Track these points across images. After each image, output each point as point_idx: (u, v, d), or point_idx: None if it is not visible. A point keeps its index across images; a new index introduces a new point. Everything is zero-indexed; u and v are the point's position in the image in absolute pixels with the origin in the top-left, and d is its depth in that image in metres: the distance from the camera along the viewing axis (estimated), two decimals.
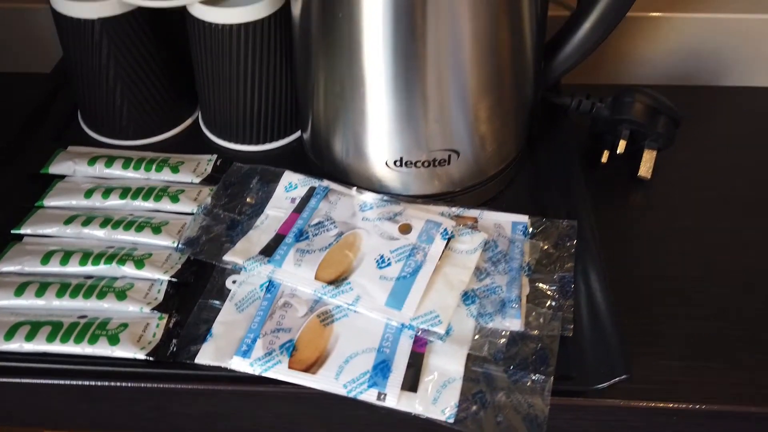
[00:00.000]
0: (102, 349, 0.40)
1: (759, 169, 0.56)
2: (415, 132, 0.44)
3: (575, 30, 0.48)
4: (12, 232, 0.47)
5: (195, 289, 0.44)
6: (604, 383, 0.38)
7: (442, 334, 0.39)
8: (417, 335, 0.39)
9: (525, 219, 0.46)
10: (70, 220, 0.47)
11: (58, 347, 0.40)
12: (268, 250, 0.43)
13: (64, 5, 0.49)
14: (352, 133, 0.46)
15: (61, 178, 0.51)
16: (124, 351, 0.40)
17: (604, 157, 0.53)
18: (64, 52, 0.53)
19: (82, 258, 0.44)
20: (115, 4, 0.48)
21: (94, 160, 0.52)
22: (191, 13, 0.48)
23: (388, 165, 0.46)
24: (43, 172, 0.51)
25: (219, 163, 0.53)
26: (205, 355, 0.39)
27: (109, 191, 0.49)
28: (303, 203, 0.47)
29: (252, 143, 0.54)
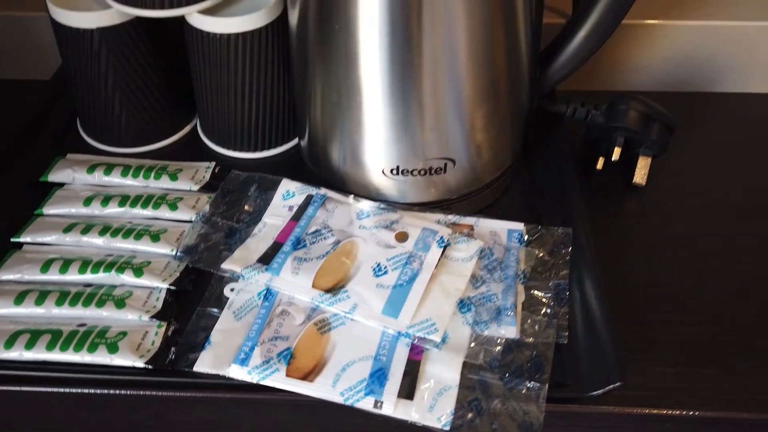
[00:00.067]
0: (101, 357, 0.40)
1: (753, 175, 0.56)
2: (411, 141, 0.44)
3: (570, 39, 0.48)
4: (12, 240, 0.47)
5: (193, 296, 0.44)
6: (599, 390, 0.38)
7: (438, 342, 0.39)
8: (413, 343, 0.39)
9: (520, 226, 0.46)
10: (69, 228, 0.47)
11: (57, 355, 0.40)
12: (266, 258, 0.44)
13: (63, 15, 0.49)
14: (349, 141, 0.46)
15: (60, 185, 0.52)
16: (123, 359, 0.40)
17: (600, 164, 0.54)
18: (63, 61, 0.53)
19: (82, 266, 0.45)
20: (114, 13, 0.49)
21: (93, 168, 0.52)
22: (189, 23, 0.49)
23: (384, 173, 0.46)
24: (42, 180, 0.52)
25: (217, 170, 0.53)
26: (203, 363, 0.39)
27: (108, 199, 0.49)
28: (300, 211, 0.47)
29: (250, 150, 0.55)
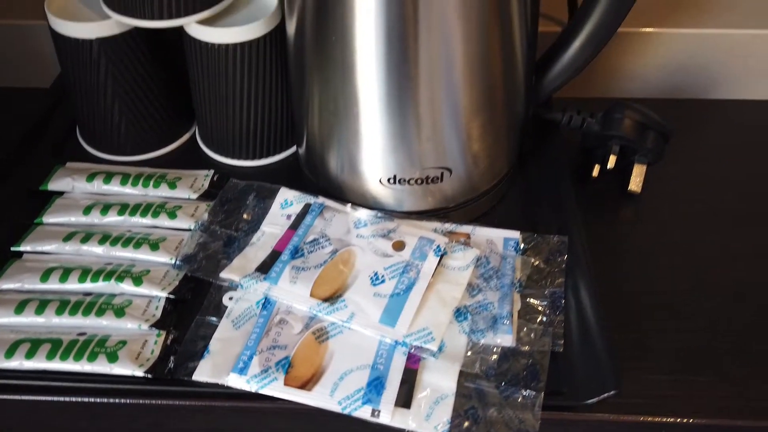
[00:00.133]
0: (101, 366, 0.40)
1: (748, 181, 0.57)
2: (408, 150, 0.45)
3: (566, 48, 0.49)
4: (12, 249, 0.47)
5: (192, 305, 0.44)
6: (594, 398, 0.39)
7: (435, 351, 0.39)
8: (410, 352, 0.40)
9: (517, 235, 0.47)
10: (69, 237, 0.48)
11: (57, 365, 0.40)
12: (264, 267, 0.44)
13: (62, 25, 0.49)
14: (346, 150, 0.46)
15: (60, 194, 0.52)
16: (122, 368, 0.40)
17: (595, 172, 0.54)
18: (62, 70, 0.53)
19: (81, 275, 0.45)
20: (113, 24, 0.49)
21: (92, 177, 0.52)
22: (188, 33, 0.49)
23: (381, 182, 0.46)
24: (42, 188, 0.52)
25: (216, 178, 0.53)
26: (202, 372, 0.40)
27: (107, 208, 0.50)
28: (298, 220, 0.47)
29: (248, 158, 0.55)
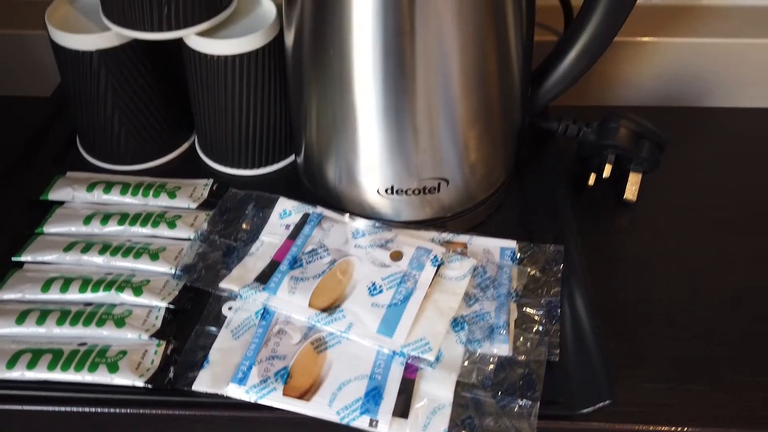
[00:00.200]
0: (101, 376, 0.41)
1: (743, 190, 0.57)
2: (405, 161, 0.45)
3: (561, 59, 0.49)
4: (13, 259, 0.48)
5: (192, 315, 0.44)
6: (589, 408, 0.39)
7: (432, 361, 0.40)
8: (408, 362, 0.40)
9: (513, 244, 0.47)
10: (69, 246, 0.48)
11: (59, 375, 0.41)
12: (263, 277, 0.44)
13: (62, 37, 0.50)
14: (344, 161, 0.47)
15: (60, 204, 0.52)
16: (123, 378, 0.41)
17: (591, 180, 0.55)
18: (62, 80, 0.54)
19: (82, 285, 0.45)
20: (113, 35, 0.49)
21: (92, 186, 0.53)
22: (187, 45, 0.50)
23: (379, 192, 0.47)
24: (42, 198, 0.52)
25: (215, 187, 0.53)
26: (202, 383, 0.40)
27: (107, 217, 0.50)
28: (297, 230, 0.48)
29: (247, 167, 0.55)
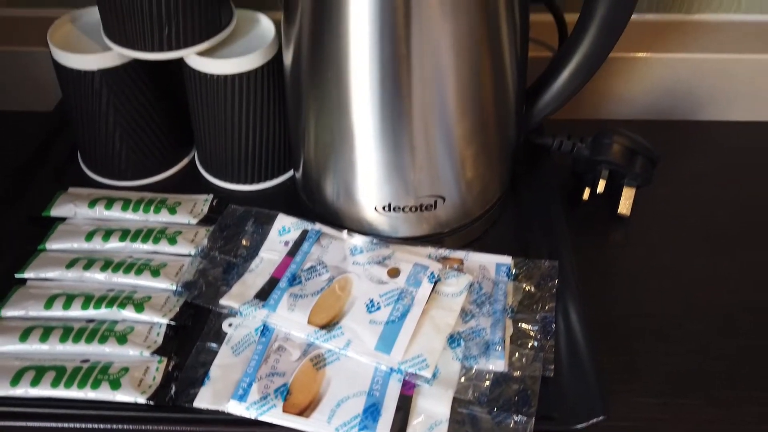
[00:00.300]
0: (104, 393, 0.41)
1: (736, 203, 0.58)
2: (402, 180, 0.46)
3: (555, 77, 0.50)
4: (16, 276, 0.48)
5: (192, 331, 0.45)
6: (584, 423, 0.40)
7: (429, 378, 0.40)
8: (405, 379, 0.41)
9: (509, 260, 0.48)
10: (71, 263, 0.49)
11: (62, 392, 0.41)
12: (263, 294, 0.45)
13: (64, 57, 0.50)
14: (342, 179, 0.47)
15: (62, 220, 0.53)
16: (125, 395, 0.41)
17: (586, 195, 0.55)
18: (63, 98, 0.54)
19: (84, 302, 0.46)
20: (115, 55, 0.50)
21: (94, 203, 0.53)
22: (188, 64, 0.50)
23: (377, 210, 0.48)
24: (44, 214, 0.53)
25: (215, 203, 0.54)
26: (203, 399, 0.41)
27: (109, 234, 0.51)
28: (296, 247, 0.48)
29: (247, 183, 0.56)
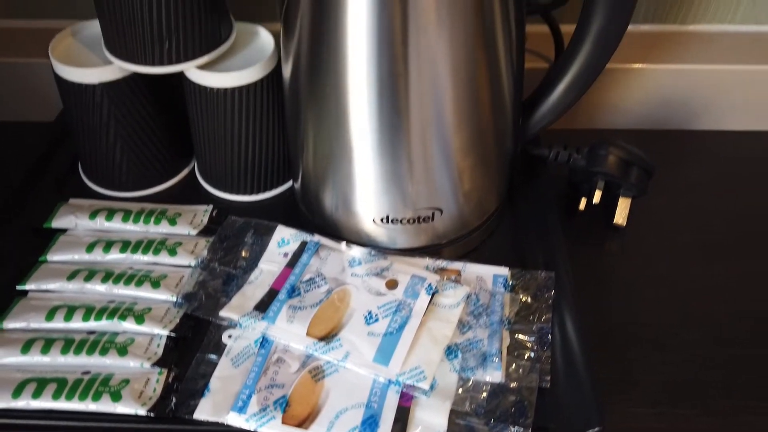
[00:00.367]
0: (105, 405, 0.41)
1: (731, 212, 0.58)
2: (400, 193, 0.46)
3: (551, 90, 0.50)
4: (17, 287, 0.49)
5: (192, 342, 0.45)
6: None
7: (427, 389, 0.41)
8: (403, 390, 0.41)
9: (505, 271, 0.48)
10: (72, 275, 0.49)
11: (63, 404, 0.42)
12: (262, 306, 0.46)
13: (65, 71, 0.51)
14: (340, 191, 0.48)
15: (63, 231, 0.53)
16: (126, 407, 0.42)
17: (582, 205, 0.56)
18: (65, 110, 0.55)
19: (85, 314, 0.46)
20: (115, 68, 0.51)
21: (95, 214, 0.53)
22: (188, 78, 0.51)
23: (375, 221, 0.48)
24: (45, 226, 0.53)
25: (215, 214, 0.55)
26: (203, 411, 0.41)
27: (109, 245, 0.51)
28: (295, 258, 0.49)
29: (246, 193, 0.57)
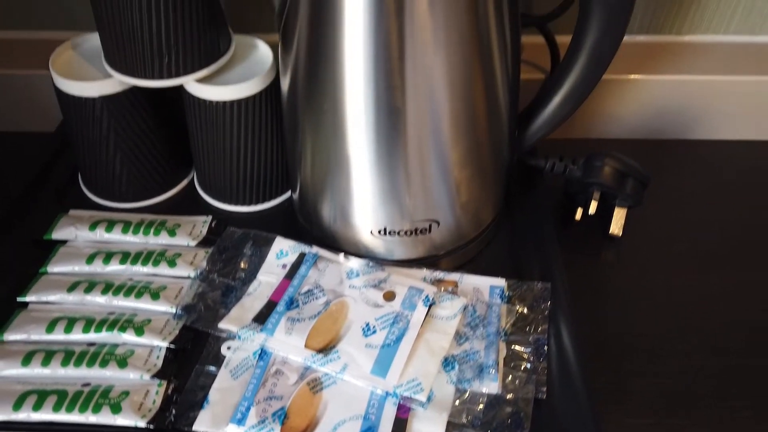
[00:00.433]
0: (105, 418, 0.42)
1: (726, 221, 0.59)
2: (397, 205, 0.47)
3: (547, 102, 0.51)
4: (18, 299, 0.49)
5: (192, 354, 0.46)
6: None
7: (424, 401, 0.41)
8: (400, 402, 0.42)
9: (502, 282, 0.49)
10: (73, 287, 0.49)
11: (63, 416, 0.42)
12: (261, 318, 0.46)
13: (66, 84, 0.51)
14: (338, 204, 0.48)
15: (63, 243, 0.53)
16: (125, 419, 0.42)
17: (578, 215, 0.56)
18: (65, 122, 0.55)
19: (86, 325, 0.46)
20: (115, 82, 0.51)
21: (95, 225, 0.54)
22: (187, 91, 0.51)
23: (372, 233, 0.49)
24: (46, 237, 0.53)
25: (214, 224, 0.55)
26: (202, 423, 0.41)
27: (109, 256, 0.51)
28: (293, 270, 0.49)
29: (245, 204, 0.57)
